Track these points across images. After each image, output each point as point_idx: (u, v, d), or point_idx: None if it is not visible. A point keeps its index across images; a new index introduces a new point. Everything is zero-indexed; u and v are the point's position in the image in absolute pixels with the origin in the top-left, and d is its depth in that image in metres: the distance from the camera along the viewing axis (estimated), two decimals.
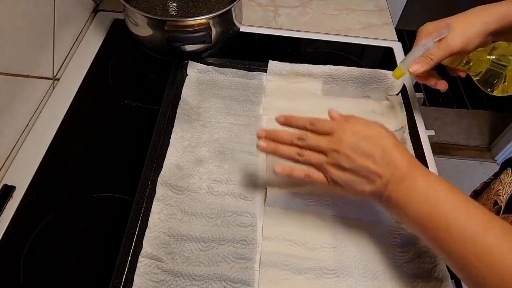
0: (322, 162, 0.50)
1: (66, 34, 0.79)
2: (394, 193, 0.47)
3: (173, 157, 0.62)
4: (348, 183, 0.49)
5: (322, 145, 0.50)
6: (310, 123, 0.52)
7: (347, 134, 0.50)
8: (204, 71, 0.74)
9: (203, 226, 0.56)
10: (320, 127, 0.52)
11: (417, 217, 0.45)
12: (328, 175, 0.50)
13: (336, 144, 0.49)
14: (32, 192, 0.61)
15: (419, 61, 0.60)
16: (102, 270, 0.53)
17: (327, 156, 0.50)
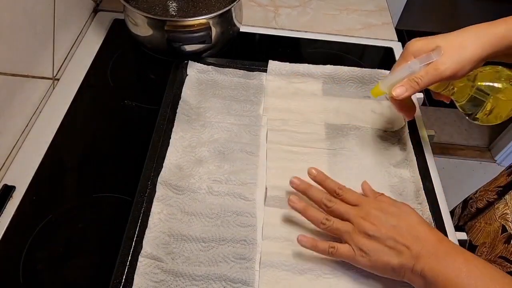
0: (348, 230, 0.50)
1: (66, 34, 0.79)
2: (429, 267, 0.45)
3: (173, 157, 0.62)
4: (374, 252, 0.48)
5: (350, 211, 0.51)
6: (339, 188, 0.53)
7: (373, 208, 0.50)
8: (204, 71, 0.74)
9: (203, 226, 0.56)
10: (348, 196, 0.53)
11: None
12: (354, 243, 0.49)
13: (363, 214, 0.50)
14: (32, 192, 0.61)
15: (404, 84, 0.54)
16: (102, 270, 0.53)
17: (352, 224, 0.50)
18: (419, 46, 0.54)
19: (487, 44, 0.52)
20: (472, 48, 0.52)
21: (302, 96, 0.73)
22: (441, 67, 0.52)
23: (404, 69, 0.55)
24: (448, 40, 0.53)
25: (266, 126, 0.68)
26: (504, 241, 0.55)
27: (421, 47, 0.54)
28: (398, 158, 0.66)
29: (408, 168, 0.64)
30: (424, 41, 0.54)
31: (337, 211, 0.51)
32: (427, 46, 0.54)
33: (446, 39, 0.53)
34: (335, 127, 0.69)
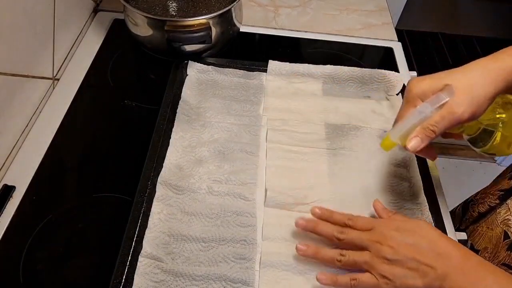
0: (366, 259, 0.47)
1: (66, 34, 0.79)
2: (457, 285, 0.44)
3: (173, 157, 0.62)
4: (398, 277, 0.45)
5: (364, 238, 0.48)
6: (349, 218, 0.51)
7: (388, 228, 0.48)
8: (204, 71, 0.74)
9: (203, 226, 0.56)
10: (359, 223, 0.50)
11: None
12: (375, 271, 0.46)
13: (378, 237, 0.47)
14: (32, 192, 0.61)
15: (419, 134, 0.48)
16: (102, 270, 0.53)
17: (369, 251, 0.47)
18: (425, 87, 0.48)
19: (499, 80, 0.47)
20: (484, 86, 0.47)
21: (302, 96, 0.73)
22: (458, 110, 0.46)
23: (414, 115, 0.49)
24: (457, 77, 0.47)
25: (266, 126, 0.68)
26: (506, 248, 0.55)
27: (427, 88, 0.48)
28: (398, 158, 0.66)
29: (408, 168, 0.64)
30: (428, 81, 0.49)
31: (351, 242, 0.49)
32: (434, 86, 0.48)
33: (453, 78, 0.47)
34: (335, 127, 0.69)
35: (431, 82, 0.48)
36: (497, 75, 0.47)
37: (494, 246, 0.57)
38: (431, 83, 0.48)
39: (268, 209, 0.58)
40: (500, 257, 0.56)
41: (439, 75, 0.48)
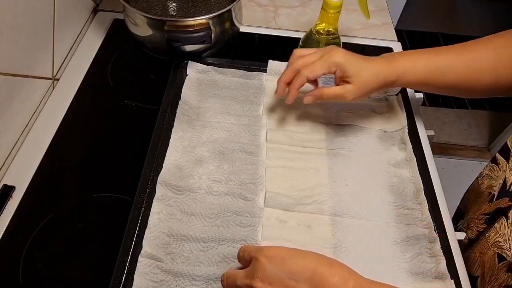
0: None
1: (66, 34, 0.79)
2: None
3: (173, 157, 0.62)
4: None
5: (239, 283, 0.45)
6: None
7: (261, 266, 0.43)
8: (204, 71, 0.74)
9: (202, 226, 0.56)
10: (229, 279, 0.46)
11: None
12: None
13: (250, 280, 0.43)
14: (31, 192, 0.61)
15: (313, 94, 0.62)
16: (102, 270, 0.53)
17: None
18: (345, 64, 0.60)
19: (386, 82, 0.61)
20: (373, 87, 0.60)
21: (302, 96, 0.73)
22: (348, 97, 0.60)
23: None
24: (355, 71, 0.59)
25: (266, 126, 0.68)
26: (505, 270, 0.55)
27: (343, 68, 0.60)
28: (397, 158, 0.66)
29: (408, 168, 0.64)
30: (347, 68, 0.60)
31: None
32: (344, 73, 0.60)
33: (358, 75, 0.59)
34: (335, 127, 0.69)
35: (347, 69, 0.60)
36: (386, 78, 0.60)
37: (488, 270, 0.58)
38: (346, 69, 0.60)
39: (268, 209, 0.58)
40: (500, 280, 0.56)
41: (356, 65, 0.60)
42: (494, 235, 0.57)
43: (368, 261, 0.54)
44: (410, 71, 0.60)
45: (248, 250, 0.46)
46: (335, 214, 0.58)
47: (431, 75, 0.61)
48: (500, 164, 0.61)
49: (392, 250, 0.55)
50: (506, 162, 0.60)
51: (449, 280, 0.53)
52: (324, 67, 0.60)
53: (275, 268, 0.42)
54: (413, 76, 0.61)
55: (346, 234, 0.56)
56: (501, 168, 0.61)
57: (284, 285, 0.42)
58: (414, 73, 0.61)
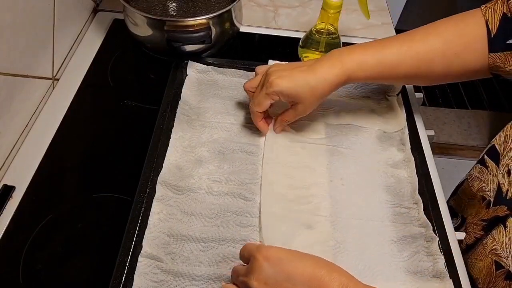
0: None
1: (66, 34, 0.79)
2: None
3: (173, 158, 0.62)
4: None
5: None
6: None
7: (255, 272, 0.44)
8: (204, 71, 0.74)
9: (202, 226, 0.56)
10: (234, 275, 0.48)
11: None
12: None
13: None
14: (31, 192, 0.61)
15: (278, 124, 0.65)
16: (102, 270, 0.53)
17: None
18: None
19: (334, 88, 0.60)
20: (321, 94, 0.59)
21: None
22: (305, 112, 0.62)
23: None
24: (303, 90, 0.59)
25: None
26: (503, 278, 0.55)
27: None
28: (395, 159, 0.66)
29: (405, 169, 0.64)
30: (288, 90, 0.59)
31: None
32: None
33: (301, 89, 0.59)
34: (335, 127, 0.69)
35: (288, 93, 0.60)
36: (333, 81, 0.59)
37: (486, 276, 0.58)
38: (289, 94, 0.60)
39: (266, 210, 0.58)
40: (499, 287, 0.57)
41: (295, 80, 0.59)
42: (492, 243, 0.57)
43: (367, 261, 0.54)
44: (358, 70, 0.59)
45: (248, 249, 0.46)
46: (332, 214, 0.58)
47: (380, 71, 0.60)
48: (490, 167, 0.61)
49: (389, 249, 0.55)
50: (496, 166, 0.60)
51: (447, 279, 0.53)
52: (267, 99, 0.60)
53: (272, 269, 0.42)
54: (363, 74, 0.60)
55: (344, 234, 0.56)
56: (491, 172, 0.61)
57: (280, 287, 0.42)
58: (363, 71, 0.60)
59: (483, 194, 0.62)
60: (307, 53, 0.79)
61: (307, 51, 0.78)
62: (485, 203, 0.61)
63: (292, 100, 0.60)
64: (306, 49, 0.78)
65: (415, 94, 0.77)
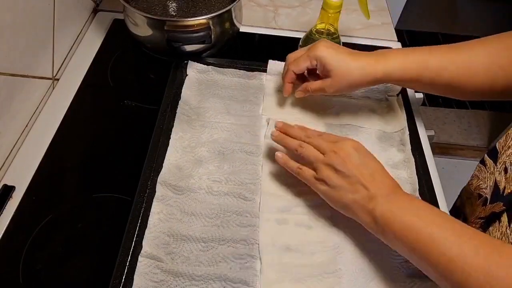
0: (317, 159, 0.54)
1: (66, 34, 0.79)
2: (380, 207, 0.50)
3: (173, 158, 0.62)
4: (334, 185, 0.53)
5: (324, 145, 0.55)
6: (319, 134, 0.58)
7: (348, 145, 0.54)
8: (204, 71, 0.74)
9: (202, 226, 0.56)
10: (326, 136, 0.58)
11: (401, 229, 0.48)
12: (319, 172, 0.54)
13: (337, 148, 0.54)
14: (31, 192, 0.61)
15: (301, 89, 0.67)
16: (102, 270, 0.53)
17: (324, 156, 0.54)
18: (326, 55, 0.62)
19: (369, 80, 0.61)
20: (353, 80, 0.61)
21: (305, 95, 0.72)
22: (328, 90, 0.63)
23: None
24: (340, 66, 0.61)
25: (266, 126, 0.68)
26: (481, 205, 0.58)
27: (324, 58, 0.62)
28: (395, 159, 0.66)
29: (405, 170, 0.64)
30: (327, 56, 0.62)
31: (313, 144, 0.56)
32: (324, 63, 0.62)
33: (339, 65, 0.61)
34: (334, 127, 0.69)
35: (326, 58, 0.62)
36: (370, 73, 0.60)
37: None
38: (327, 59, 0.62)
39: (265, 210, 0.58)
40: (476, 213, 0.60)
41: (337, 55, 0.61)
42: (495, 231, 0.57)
43: (366, 261, 0.54)
44: (400, 69, 0.60)
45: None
46: (331, 214, 0.58)
47: (422, 74, 0.60)
48: (488, 165, 0.61)
49: (389, 250, 0.55)
50: (494, 164, 0.60)
51: None
52: (306, 61, 0.63)
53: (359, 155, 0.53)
54: (402, 74, 0.61)
55: (344, 234, 0.56)
56: (488, 170, 0.61)
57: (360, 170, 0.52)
58: (404, 71, 0.61)
59: (480, 192, 0.62)
60: None
61: None
62: (481, 200, 0.62)
63: (327, 72, 0.62)
64: None
65: (415, 94, 0.77)
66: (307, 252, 0.55)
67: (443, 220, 0.47)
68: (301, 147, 0.56)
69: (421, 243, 0.46)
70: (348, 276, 0.53)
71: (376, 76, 0.61)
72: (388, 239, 0.50)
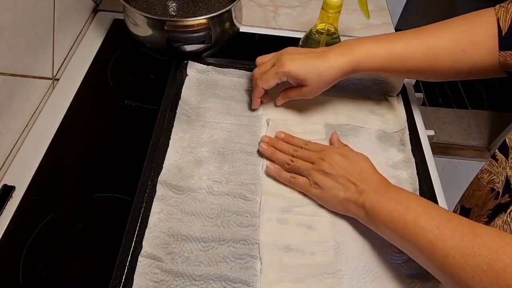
0: (308, 168, 0.59)
1: (66, 34, 0.79)
2: (369, 200, 0.53)
3: (173, 158, 0.62)
4: (326, 187, 0.57)
5: (312, 155, 0.60)
6: (305, 143, 0.63)
7: (334, 152, 0.59)
8: (204, 71, 0.74)
9: (203, 226, 0.56)
10: (313, 147, 0.62)
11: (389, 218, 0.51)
12: (311, 178, 0.58)
13: (323, 155, 0.59)
14: (31, 192, 0.61)
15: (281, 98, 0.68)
16: (102, 270, 0.53)
17: (313, 164, 0.59)
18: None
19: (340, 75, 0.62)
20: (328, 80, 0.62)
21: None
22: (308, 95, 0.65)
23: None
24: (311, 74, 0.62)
25: (266, 126, 0.68)
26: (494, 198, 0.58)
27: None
28: (395, 160, 0.66)
29: (406, 170, 0.64)
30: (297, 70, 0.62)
31: (301, 157, 0.60)
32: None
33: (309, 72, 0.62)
34: (334, 127, 0.68)
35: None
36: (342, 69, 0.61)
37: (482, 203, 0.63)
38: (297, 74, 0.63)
39: (265, 210, 0.58)
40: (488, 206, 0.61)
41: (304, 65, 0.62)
42: (488, 176, 0.60)
43: (367, 262, 0.54)
44: (367, 60, 0.62)
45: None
46: (332, 215, 0.58)
47: (389, 62, 0.62)
48: (499, 161, 0.62)
49: (388, 251, 0.55)
50: (505, 159, 0.61)
51: None
52: (275, 78, 0.63)
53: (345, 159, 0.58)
54: (371, 64, 0.62)
55: (344, 235, 0.56)
56: (501, 165, 0.61)
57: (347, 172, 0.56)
58: (372, 61, 0.62)
59: (493, 186, 0.63)
60: None
61: None
62: (494, 194, 0.62)
63: (299, 82, 0.63)
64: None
65: (415, 94, 0.77)
66: (307, 252, 0.55)
67: (428, 207, 0.50)
68: (292, 161, 0.60)
69: (408, 230, 0.48)
70: (348, 276, 0.53)
71: (347, 69, 0.62)
72: (379, 229, 0.53)
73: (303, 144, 0.62)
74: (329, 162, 0.57)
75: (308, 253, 0.55)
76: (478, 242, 0.44)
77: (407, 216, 0.49)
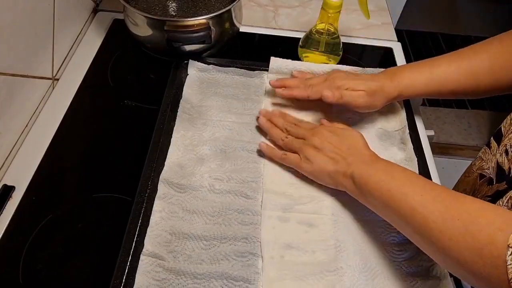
0: (300, 143, 0.61)
1: (66, 34, 0.79)
2: (358, 170, 0.55)
3: (175, 156, 0.62)
4: (316, 160, 0.59)
5: (304, 132, 0.63)
6: (298, 121, 0.66)
7: (325, 129, 0.62)
8: (205, 70, 0.74)
9: (204, 224, 0.56)
10: (305, 124, 0.65)
11: (376, 188, 0.52)
12: (302, 153, 0.60)
13: (314, 132, 0.61)
14: (31, 192, 0.61)
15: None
16: (102, 270, 0.53)
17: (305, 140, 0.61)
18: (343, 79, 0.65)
19: (385, 99, 0.65)
20: (378, 99, 0.65)
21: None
22: (360, 110, 0.66)
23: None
24: (369, 86, 0.64)
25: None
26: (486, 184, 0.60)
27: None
28: (396, 158, 0.66)
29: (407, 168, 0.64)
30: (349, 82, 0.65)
31: (294, 134, 0.63)
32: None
33: (367, 85, 0.64)
34: None
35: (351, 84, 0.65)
36: (389, 94, 0.64)
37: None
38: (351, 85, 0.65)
39: (267, 208, 0.58)
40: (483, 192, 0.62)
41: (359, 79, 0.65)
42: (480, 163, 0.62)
43: (368, 260, 0.54)
44: (410, 87, 0.64)
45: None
46: (333, 213, 0.58)
47: (431, 88, 0.64)
48: (492, 148, 0.64)
49: (390, 249, 0.55)
50: (497, 146, 0.62)
51: (447, 279, 0.53)
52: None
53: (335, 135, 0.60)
54: (414, 91, 0.65)
55: (345, 233, 0.56)
56: (492, 152, 0.63)
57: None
58: (414, 88, 0.65)
59: (482, 172, 0.65)
60: (307, 53, 0.79)
61: (307, 51, 0.78)
62: (485, 180, 0.63)
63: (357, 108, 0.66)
64: (306, 49, 0.78)
65: None
66: (308, 250, 0.55)
67: (414, 177, 0.52)
68: (285, 138, 0.63)
69: (391, 197, 0.50)
70: (349, 274, 0.53)
71: (393, 95, 0.65)
72: (366, 199, 0.54)
73: (297, 122, 0.65)
74: (319, 138, 0.60)
75: (309, 251, 0.54)
76: (458, 207, 0.45)
77: (391, 183, 0.51)
